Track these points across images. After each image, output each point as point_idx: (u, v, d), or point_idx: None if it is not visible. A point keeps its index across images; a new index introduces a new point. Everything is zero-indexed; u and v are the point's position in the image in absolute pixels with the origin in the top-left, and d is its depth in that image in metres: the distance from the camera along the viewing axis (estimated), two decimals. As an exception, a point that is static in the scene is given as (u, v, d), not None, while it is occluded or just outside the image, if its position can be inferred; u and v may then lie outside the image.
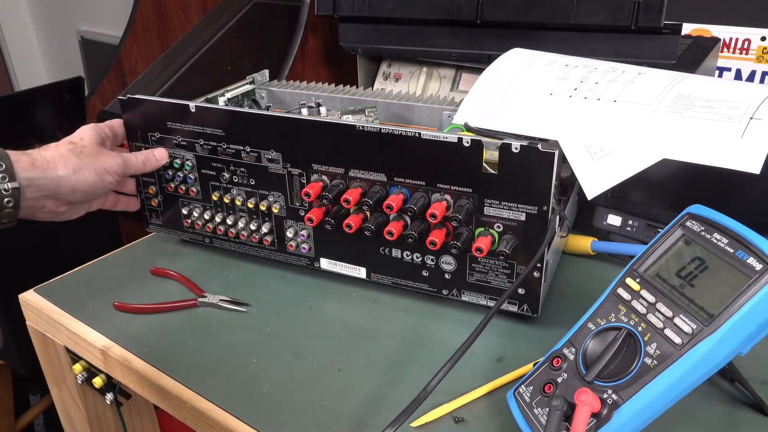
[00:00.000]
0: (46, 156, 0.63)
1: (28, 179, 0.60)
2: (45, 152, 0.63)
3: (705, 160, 0.54)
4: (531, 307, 0.61)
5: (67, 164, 0.63)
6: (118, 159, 0.68)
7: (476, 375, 0.57)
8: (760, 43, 0.98)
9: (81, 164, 0.64)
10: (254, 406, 0.55)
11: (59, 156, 0.63)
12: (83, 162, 0.65)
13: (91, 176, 0.65)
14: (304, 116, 0.66)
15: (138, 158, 0.71)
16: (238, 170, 0.69)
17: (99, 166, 0.66)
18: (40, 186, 0.62)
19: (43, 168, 0.62)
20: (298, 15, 1.13)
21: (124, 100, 0.72)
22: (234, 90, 0.80)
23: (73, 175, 0.64)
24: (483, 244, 0.58)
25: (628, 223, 0.72)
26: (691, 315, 0.44)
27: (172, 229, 0.78)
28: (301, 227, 0.69)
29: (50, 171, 0.62)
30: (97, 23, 2.16)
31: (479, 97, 0.67)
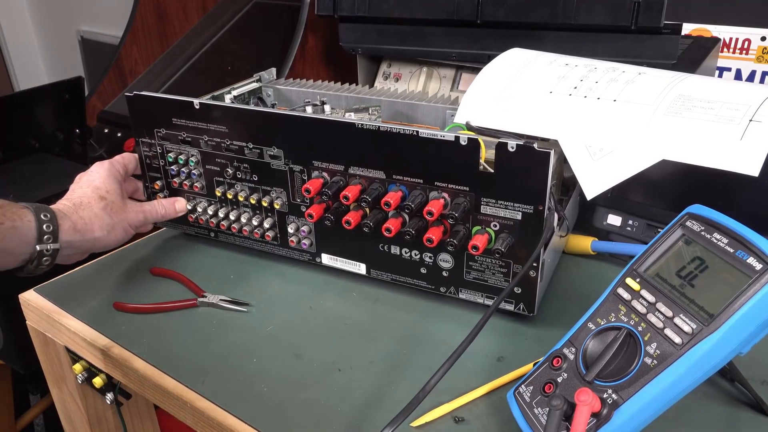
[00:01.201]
0: (84, 217, 0.65)
1: (68, 242, 0.63)
2: (82, 212, 0.65)
3: (704, 161, 0.54)
4: (527, 306, 0.61)
5: (103, 225, 0.66)
6: (140, 215, 0.71)
7: (476, 375, 0.57)
8: (760, 43, 0.98)
9: (113, 224, 0.67)
10: (254, 406, 0.55)
11: (95, 216, 0.66)
12: (114, 221, 0.68)
13: (120, 234, 0.69)
14: (305, 114, 0.67)
15: (159, 211, 0.74)
16: (241, 166, 0.70)
17: (126, 224, 0.69)
18: (78, 246, 0.65)
19: (83, 231, 0.65)
20: (298, 15, 1.13)
21: (131, 96, 0.73)
22: (241, 87, 0.82)
23: (107, 236, 0.67)
24: (479, 242, 0.58)
25: (628, 223, 0.73)
26: (691, 315, 0.44)
27: (178, 223, 0.78)
28: (302, 223, 0.69)
29: (88, 233, 0.65)
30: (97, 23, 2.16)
31: (478, 95, 0.67)
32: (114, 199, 0.68)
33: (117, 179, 0.71)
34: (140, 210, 0.71)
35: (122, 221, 0.69)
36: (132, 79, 1.53)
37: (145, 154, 0.75)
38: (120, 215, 0.68)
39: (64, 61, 2.38)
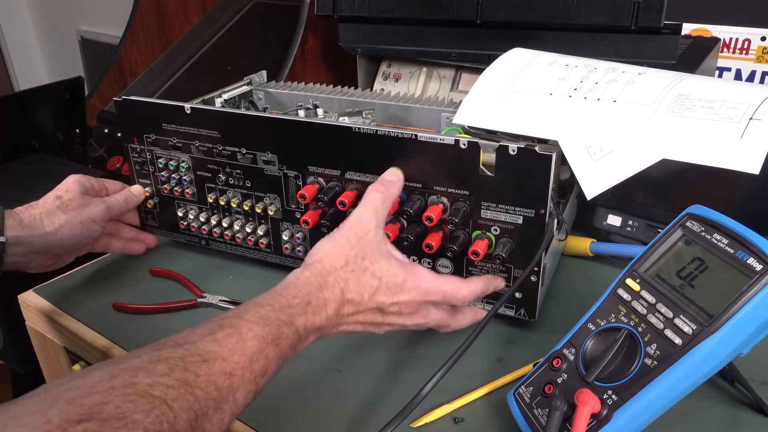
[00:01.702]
0: (33, 214, 0.64)
1: (15, 237, 0.62)
2: (33, 210, 0.65)
3: (704, 160, 0.54)
4: (528, 311, 0.61)
5: (54, 221, 0.65)
6: (100, 205, 0.69)
7: (476, 375, 0.57)
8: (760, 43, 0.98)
9: (67, 218, 0.66)
10: (254, 406, 0.54)
11: (46, 213, 0.65)
12: (69, 216, 0.66)
13: (77, 229, 0.67)
14: (300, 118, 0.66)
15: (119, 199, 0.72)
16: (233, 172, 0.69)
17: (85, 217, 0.67)
18: (28, 244, 0.63)
19: (31, 227, 0.63)
20: (298, 15, 1.13)
21: (120, 101, 0.72)
22: (231, 91, 0.80)
23: (60, 230, 0.65)
24: (479, 247, 0.57)
25: (628, 224, 0.72)
26: (691, 315, 0.44)
27: (168, 231, 0.77)
28: (297, 230, 0.69)
29: (37, 229, 0.64)
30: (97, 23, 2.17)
31: (479, 97, 0.67)
32: (71, 196, 0.67)
33: (83, 184, 0.69)
34: (101, 201, 0.70)
35: (79, 215, 0.67)
36: (132, 79, 1.53)
37: (135, 160, 0.75)
38: (76, 210, 0.67)
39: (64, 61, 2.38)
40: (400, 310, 0.52)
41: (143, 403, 0.35)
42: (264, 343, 0.43)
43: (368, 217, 0.53)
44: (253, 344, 0.42)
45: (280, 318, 0.45)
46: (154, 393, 0.36)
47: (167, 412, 0.35)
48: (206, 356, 0.40)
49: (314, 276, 0.49)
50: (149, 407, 0.35)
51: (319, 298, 0.48)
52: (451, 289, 0.54)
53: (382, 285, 0.51)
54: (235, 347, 0.41)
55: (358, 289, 0.50)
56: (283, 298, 0.47)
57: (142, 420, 0.34)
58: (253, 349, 0.42)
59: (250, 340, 0.42)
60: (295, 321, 0.46)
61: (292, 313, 0.46)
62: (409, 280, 0.52)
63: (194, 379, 0.38)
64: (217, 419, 0.39)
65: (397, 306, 0.52)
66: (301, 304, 0.47)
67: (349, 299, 0.50)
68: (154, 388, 0.36)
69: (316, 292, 0.48)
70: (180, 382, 0.37)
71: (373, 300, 0.51)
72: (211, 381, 0.39)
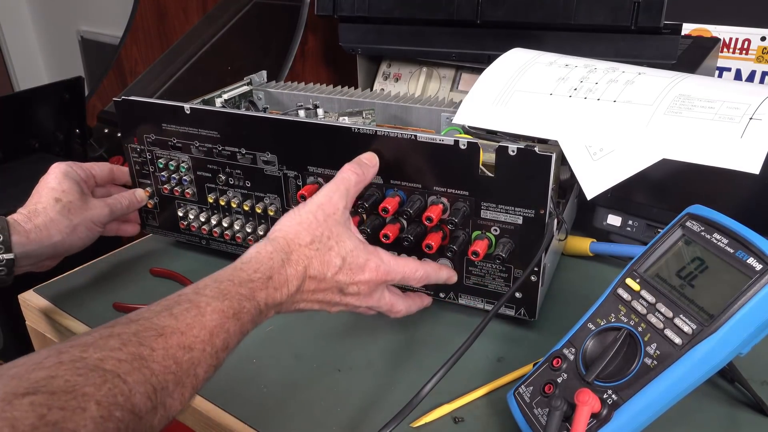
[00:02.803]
0: (38, 225, 0.64)
1: (24, 253, 0.62)
2: (36, 219, 0.64)
3: (704, 160, 0.54)
4: (528, 311, 0.61)
5: (61, 229, 0.65)
6: (104, 209, 0.70)
7: (476, 375, 0.57)
8: (760, 43, 0.98)
9: (72, 225, 0.66)
10: (254, 406, 0.55)
11: (51, 221, 0.64)
12: (74, 222, 0.66)
13: (83, 233, 0.68)
14: (300, 118, 0.66)
15: (122, 203, 0.72)
16: (233, 172, 0.69)
17: (89, 222, 0.68)
18: (37, 255, 0.64)
19: (38, 240, 0.63)
20: (298, 15, 1.13)
21: (120, 101, 0.72)
22: (231, 91, 0.80)
23: (68, 238, 0.66)
24: (479, 247, 0.57)
25: (628, 224, 0.72)
26: (691, 315, 0.44)
27: (169, 230, 0.77)
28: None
29: (45, 240, 0.64)
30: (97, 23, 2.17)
31: (479, 97, 0.67)
32: (71, 198, 0.67)
33: (74, 179, 0.69)
34: (104, 205, 0.70)
35: (84, 220, 0.67)
36: (132, 79, 1.53)
37: (135, 160, 0.75)
38: (80, 214, 0.67)
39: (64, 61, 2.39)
40: (358, 290, 0.53)
41: (94, 376, 0.34)
42: (225, 317, 0.43)
43: (338, 197, 0.54)
44: (214, 318, 0.42)
45: (241, 292, 0.45)
46: (105, 366, 0.35)
47: (120, 385, 0.35)
48: (162, 330, 0.39)
49: (277, 251, 0.49)
50: (100, 380, 0.34)
51: (282, 275, 0.48)
52: (410, 271, 0.55)
53: (345, 264, 0.52)
54: (193, 321, 0.41)
55: (321, 268, 0.50)
56: (244, 273, 0.47)
57: (94, 393, 0.33)
58: (213, 323, 0.42)
59: (210, 314, 0.42)
60: (257, 296, 0.46)
61: (253, 288, 0.46)
62: (371, 261, 0.53)
63: (150, 353, 0.37)
64: (178, 394, 0.39)
65: (356, 286, 0.52)
66: (263, 278, 0.47)
67: (312, 276, 0.50)
68: (105, 362, 0.35)
69: (278, 267, 0.48)
70: (133, 356, 0.37)
71: (335, 279, 0.51)
72: (169, 355, 0.38)
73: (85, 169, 0.72)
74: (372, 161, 0.58)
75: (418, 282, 0.57)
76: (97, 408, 0.33)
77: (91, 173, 0.73)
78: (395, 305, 0.57)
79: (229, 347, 0.43)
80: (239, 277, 0.46)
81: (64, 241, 0.65)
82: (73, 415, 0.32)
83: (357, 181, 0.56)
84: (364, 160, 0.58)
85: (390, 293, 0.57)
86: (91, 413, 0.33)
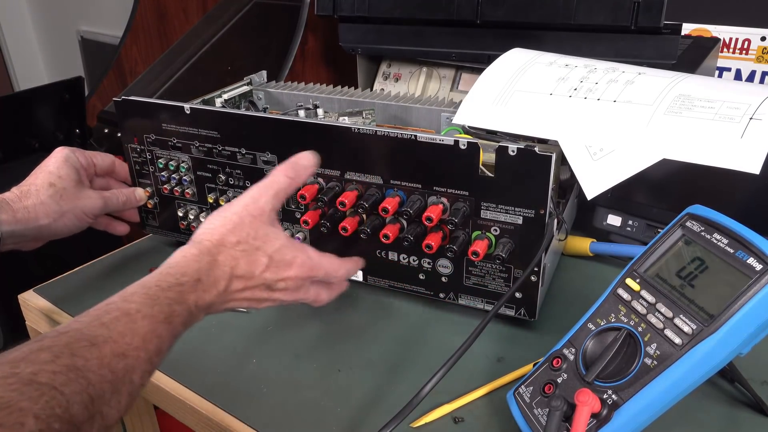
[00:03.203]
0: (28, 207, 0.64)
1: (9, 231, 0.62)
2: (27, 200, 0.64)
3: (705, 160, 0.54)
4: (528, 311, 0.61)
5: (48, 213, 0.65)
6: (98, 201, 0.69)
7: (476, 375, 0.57)
8: (760, 43, 0.98)
9: (61, 211, 0.66)
10: (254, 406, 0.55)
11: (40, 204, 0.64)
12: (64, 208, 0.66)
13: (71, 221, 0.67)
14: (300, 118, 0.66)
15: (119, 199, 0.72)
16: (233, 172, 0.69)
17: (79, 211, 0.67)
18: (22, 236, 0.63)
19: (25, 221, 0.63)
20: (298, 15, 1.13)
21: (119, 102, 0.72)
22: (231, 91, 0.80)
23: (54, 223, 0.65)
24: (479, 247, 0.57)
25: (628, 224, 0.72)
26: (691, 315, 0.44)
27: (169, 230, 0.77)
28: (297, 230, 0.69)
29: (31, 222, 0.64)
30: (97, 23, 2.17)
31: (479, 97, 0.67)
32: (66, 185, 0.66)
33: (74, 166, 0.68)
34: (99, 196, 0.69)
35: (74, 208, 0.67)
36: (132, 79, 1.53)
37: (135, 160, 0.75)
38: (71, 202, 0.66)
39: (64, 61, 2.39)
40: (286, 286, 0.53)
41: (29, 390, 0.34)
42: (156, 323, 0.42)
43: (266, 200, 0.53)
44: (145, 324, 0.42)
45: (170, 296, 0.44)
46: (40, 380, 0.35)
47: (58, 396, 0.34)
48: (94, 340, 0.39)
49: (203, 254, 0.49)
50: (37, 394, 0.34)
51: (210, 276, 0.48)
52: (333, 268, 0.56)
53: (272, 263, 0.52)
54: (125, 329, 0.41)
55: (248, 267, 0.50)
56: (171, 277, 0.46)
57: (31, 407, 0.33)
58: (145, 329, 0.42)
59: (141, 321, 0.42)
60: (187, 299, 0.46)
61: (182, 291, 0.45)
62: (298, 258, 0.53)
63: (84, 363, 0.37)
64: (115, 402, 0.38)
65: (284, 282, 0.53)
66: (191, 282, 0.46)
67: (239, 275, 0.50)
68: (39, 375, 0.35)
69: (206, 269, 0.48)
70: (68, 368, 0.36)
71: (262, 277, 0.51)
72: (104, 364, 0.38)
73: (87, 156, 0.72)
74: (309, 161, 0.56)
75: (339, 279, 0.57)
76: (35, 422, 0.33)
77: (93, 161, 0.73)
78: (320, 295, 0.57)
79: (162, 351, 0.43)
80: (167, 282, 0.46)
81: (50, 225, 0.65)
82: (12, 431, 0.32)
83: (288, 185, 0.54)
84: (301, 161, 0.56)
85: (315, 286, 0.57)
86: (29, 427, 0.32)
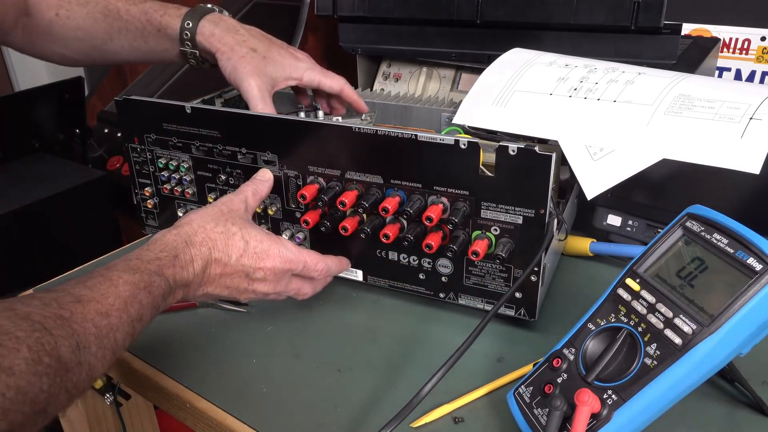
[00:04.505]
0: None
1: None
2: None
3: (705, 160, 0.54)
4: (528, 311, 0.61)
5: None
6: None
7: (476, 375, 0.57)
8: (760, 43, 0.98)
9: None
10: (254, 406, 0.55)
11: None
12: None
13: None
14: (300, 118, 0.66)
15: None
16: (234, 172, 0.69)
17: None
18: None
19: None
20: (298, 15, 1.13)
21: (120, 101, 0.72)
22: (231, 91, 0.80)
23: None
24: (479, 247, 0.57)
25: (628, 224, 0.72)
26: (691, 315, 0.44)
27: None
28: (297, 229, 0.69)
29: None
30: (97, 23, 2.16)
31: (479, 97, 0.67)
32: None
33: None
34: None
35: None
36: (132, 79, 1.53)
37: (135, 160, 0.75)
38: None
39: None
40: (265, 276, 0.55)
41: (24, 324, 0.36)
42: (137, 289, 0.45)
43: (238, 201, 0.58)
44: (126, 289, 0.44)
45: (150, 268, 0.47)
46: (33, 318, 0.37)
47: (47, 336, 0.37)
48: (80, 298, 0.41)
49: (181, 235, 0.52)
50: (30, 329, 0.36)
51: (186, 254, 0.50)
52: (312, 261, 0.58)
53: (249, 248, 0.54)
54: (107, 291, 0.43)
55: (225, 250, 0.53)
56: (151, 252, 0.49)
57: (25, 338, 0.35)
58: (126, 294, 0.44)
59: (122, 286, 0.44)
60: (165, 272, 0.48)
61: (161, 265, 0.48)
62: (274, 248, 0.55)
63: (70, 315, 0.40)
64: (100, 355, 0.41)
65: (263, 272, 0.54)
66: (169, 257, 0.49)
67: (217, 258, 0.52)
68: (32, 315, 0.37)
69: (183, 247, 0.51)
70: (55, 316, 0.39)
71: (240, 263, 0.53)
72: (88, 319, 0.40)
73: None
74: (265, 177, 0.64)
75: (319, 273, 0.59)
76: (28, 351, 0.35)
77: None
78: (302, 288, 0.59)
79: (143, 319, 0.46)
80: (147, 256, 0.49)
81: None
82: (9, 354, 0.34)
83: (254, 192, 0.61)
84: (259, 177, 0.63)
85: (297, 279, 0.58)
86: (23, 354, 0.35)
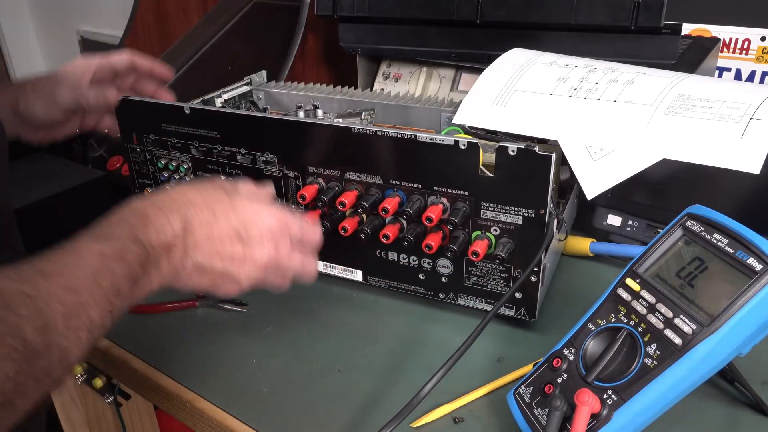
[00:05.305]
0: None
1: None
2: None
3: (705, 160, 0.54)
4: (528, 311, 0.61)
5: None
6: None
7: (476, 375, 0.57)
8: (760, 43, 0.98)
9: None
10: (254, 406, 0.55)
11: None
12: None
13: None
14: (300, 118, 0.66)
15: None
16: (233, 172, 0.69)
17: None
18: None
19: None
20: (298, 15, 1.13)
21: (120, 101, 0.72)
22: (231, 91, 0.80)
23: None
24: (479, 247, 0.57)
25: (628, 224, 0.72)
26: (691, 315, 0.44)
27: None
28: None
29: None
30: (97, 23, 2.16)
31: (479, 97, 0.67)
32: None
33: None
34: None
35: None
36: (132, 79, 1.53)
37: (135, 160, 0.75)
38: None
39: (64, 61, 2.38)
40: (261, 235, 0.47)
41: None
42: (106, 259, 0.40)
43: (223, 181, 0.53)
44: (94, 260, 0.39)
45: (118, 234, 0.42)
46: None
47: (9, 315, 0.33)
48: (43, 273, 0.37)
49: (150, 200, 0.46)
50: None
51: (159, 216, 0.44)
52: (308, 227, 0.52)
53: (234, 203, 0.47)
54: (72, 262, 0.39)
55: (206, 203, 0.46)
56: (118, 218, 0.44)
57: None
58: (95, 264, 0.39)
59: (87, 256, 0.39)
60: (139, 235, 0.42)
61: (132, 225, 0.43)
62: (264, 206, 0.48)
63: (33, 292, 0.35)
64: (73, 337, 0.36)
65: (257, 229, 0.47)
66: (140, 219, 0.43)
67: (199, 217, 0.45)
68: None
69: (154, 210, 0.44)
70: (17, 291, 0.34)
71: (229, 221, 0.46)
72: (53, 295, 0.36)
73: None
74: None
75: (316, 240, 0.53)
76: None
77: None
78: (307, 264, 0.51)
79: (122, 292, 0.40)
80: (113, 221, 0.43)
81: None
82: None
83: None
84: None
85: (296, 250, 0.51)
86: None
